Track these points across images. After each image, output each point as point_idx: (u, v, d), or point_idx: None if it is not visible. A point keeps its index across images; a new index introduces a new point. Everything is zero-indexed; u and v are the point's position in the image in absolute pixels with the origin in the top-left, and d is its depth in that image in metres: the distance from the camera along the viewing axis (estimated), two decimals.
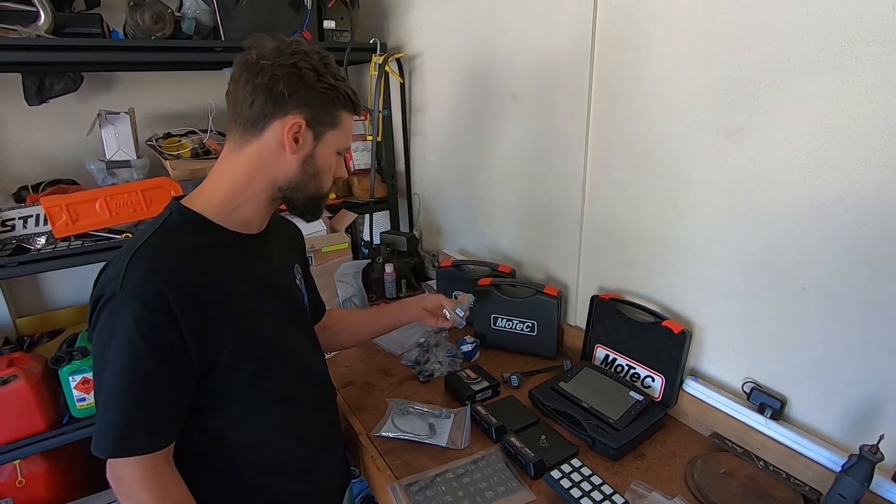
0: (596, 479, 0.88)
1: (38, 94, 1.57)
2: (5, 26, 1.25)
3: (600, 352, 1.21)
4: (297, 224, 1.04)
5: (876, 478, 0.79)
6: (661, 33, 0.99)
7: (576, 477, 0.88)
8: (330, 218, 1.76)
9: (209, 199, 0.80)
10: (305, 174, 0.81)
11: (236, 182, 0.80)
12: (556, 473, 0.89)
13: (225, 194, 0.80)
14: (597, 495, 0.84)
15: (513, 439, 0.98)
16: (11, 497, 1.57)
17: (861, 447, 0.72)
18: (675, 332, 1.03)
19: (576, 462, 0.91)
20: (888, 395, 0.79)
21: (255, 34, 0.79)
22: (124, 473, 0.70)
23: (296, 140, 0.78)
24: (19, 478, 1.57)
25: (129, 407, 0.69)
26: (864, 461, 0.71)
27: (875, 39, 0.71)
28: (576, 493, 0.85)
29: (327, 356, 1.39)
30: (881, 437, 0.71)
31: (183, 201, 0.80)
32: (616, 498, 0.84)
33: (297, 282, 0.96)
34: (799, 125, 0.82)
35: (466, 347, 1.32)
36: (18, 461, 1.56)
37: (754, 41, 0.85)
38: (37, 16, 1.30)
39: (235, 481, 0.84)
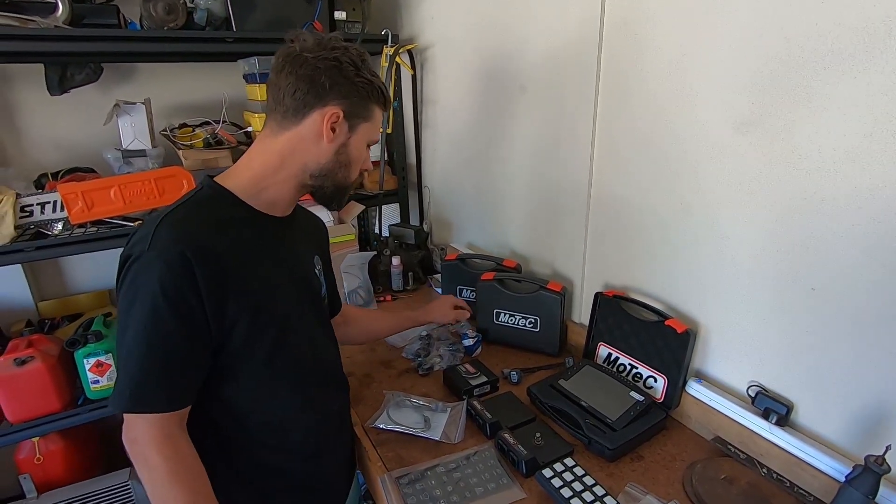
0: (588, 480, 0.86)
1: (59, 84, 1.62)
2: (25, 17, 1.29)
3: (603, 350, 1.18)
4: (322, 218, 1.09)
5: (887, 492, 0.75)
6: (670, 22, 0.96)
7: (568, 476, 0.86)
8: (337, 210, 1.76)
9: (240, 178, 0.83)
10: (337, 163, 0.84)
11: (268, 164, 0.83)
12: (547, 472, 0.87)
13: (256, 174, 0.83)
14: (588, 496, 0.82)
15: (507, 436, 0.97)
16: (30, 473, 1.63)
17: (867, 457, 0.68)
18: (679, 331, 1.00)
19: (569, 461, 0.89)
20: None
21: (295, 30, 0.83)
22: (138, 433, 0.71)
23: (333, 129, 0.81)
24: (38, 455, 1.64)
25: (148, 363, 0.70)
26: (870, 472, 0.67)
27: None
28: (566, 492, 0.83)
29: None
30: (888, 448, 0.67)
31: (216, 178, 0.83)
32: (608, 500, 0.82)
33: (317, 272, 0.98)
34: (812, 120, 0.77)
35: (468, 342, 1.30)
36: (37, 439, 1.62)
37: (767, 31, 0.81)
38: (55, 7, 1.33)
39: (245, 453, 0.85)
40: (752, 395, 0.93)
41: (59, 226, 1.46)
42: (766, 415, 0.90)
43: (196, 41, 1.49)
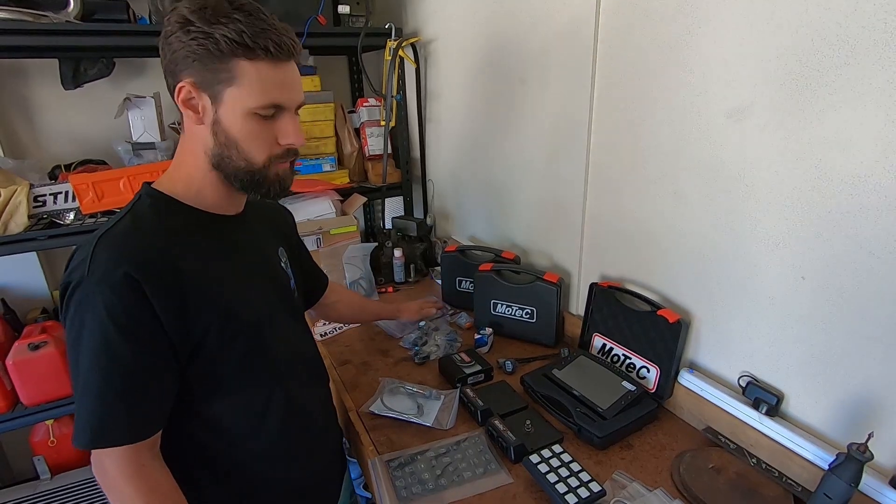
0: (575, 466, 0.86)
1: (73, 78, 1.67)
2: (37, 12, 1.33)
3: (598, 340, 1.18)
4: (291, 206, 1.04)
5: (872, 482, 0.74)
6: (664, 11, 0.95)
7: (554, 462, 0.87)
8: (341, 201, 1.79)
9: (175, 181, 0.75)
10: (221, 144, 0.71)
11: (186, 162, 0.75)
12: (534, 458, 0.88)
13: (186, 174, 0.75)
14: (573, 481, 0.83)
15: (497, 423, 0.98)
16: (44, 455, 1.69)
17: (849, 446, 0.67)
18: (671, 321, 1.00)
19: (557, 448, 0.90)
20: (890, 394, 0.74)
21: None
22: (107, 466, 0.67)
23: (192, 108, 0.70)
24: (52, 438, 1.70)
25: (105, 397, 0.65)
26: (852, 460, 0.67)
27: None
28: (552, 477, 0.84)
29: (331, 328, 1.43)
30: (870, 436, 0.66)
31: (155, 184, 0.76)
32: (593, 486, 0.82)
33: (283, 265, 0.91)
34: (799, 109, 0.77)
35: (481, 337, 1.30)
36: (50, 423, 1.68)
37: (761, 24, 0.80)
38: (66, 3, 1.37)
39: (228, 464, 0.80)
40: (743, 385, 0.92)
41: (71, 215, 1.51)
42: (756, 405, 0.90)
43: None
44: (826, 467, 0.78)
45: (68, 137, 1.76)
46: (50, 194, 1.47)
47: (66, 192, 1.48)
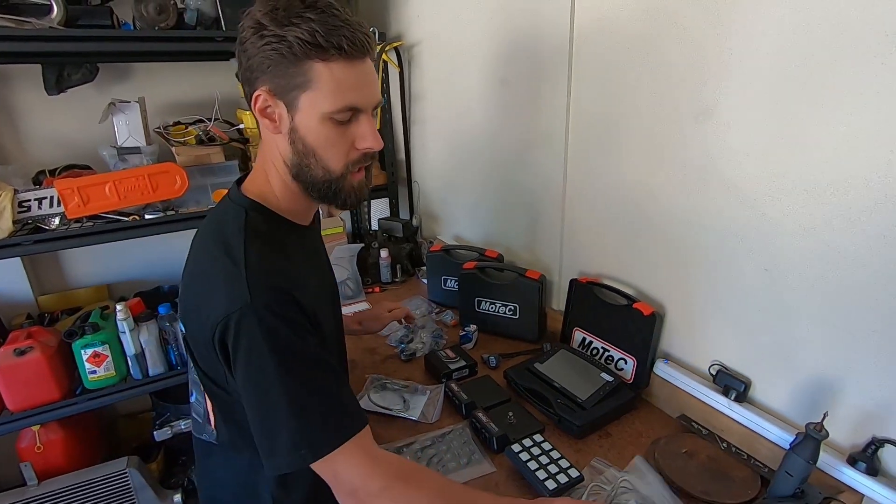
0: (555, 454, 0.90)
1: (56, 84, 1.67)
2: (20, 18, 1.33)
3: (578, 334, 1.22)
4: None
5: (831, 460, 0.79)
6: (635, 12, 1.00)
7: (535, 451, 0.90)
8: None
9: (266, 192, 0.74)
10: (299, 153, 0.69)
11: (269, 172, 0.74)
12: (516, 447, 0.91)
13: (273, 185, 0.74)
14: (553, 468, 0.87)
15: (480, 415, 1.01)
16: (31, 461, 1.68)
17: (807, 425, 0.72)
18: (646, 314, 1.04)
19: (538, 437, 0.94)
20: (846, 377, 0.79)
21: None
22: (350, 480, 0.64)
23: (268, 117, 0.68)
24: (38, 444, 1.69)
25: (319, 403, 0.64)
26: (810, 439, 0.71)
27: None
28: (533, 465, 0.87)
29: None
30: (825, 415, 0.71)
31: (245, 191, 0.75)
32: (572, 472, 0.86)
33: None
34: (761, 105, 0.81)
35: (465, 334, 1.34)
36: (37, 428, 1.67)
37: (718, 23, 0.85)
38: (50, 8, 1.38)
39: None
40: (714, 373, 0.96)
41: (57, 220, 1.51)
42: (726, 392, 0.94)
43: (187, 41, 1.54)
44: (786, 447, 0.83)
45: (53, 142, 1.76)
46: (35, 199, 1.47)
47: (52, 198, 1.48)
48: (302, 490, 0.80)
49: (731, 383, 0.93)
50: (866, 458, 0.76)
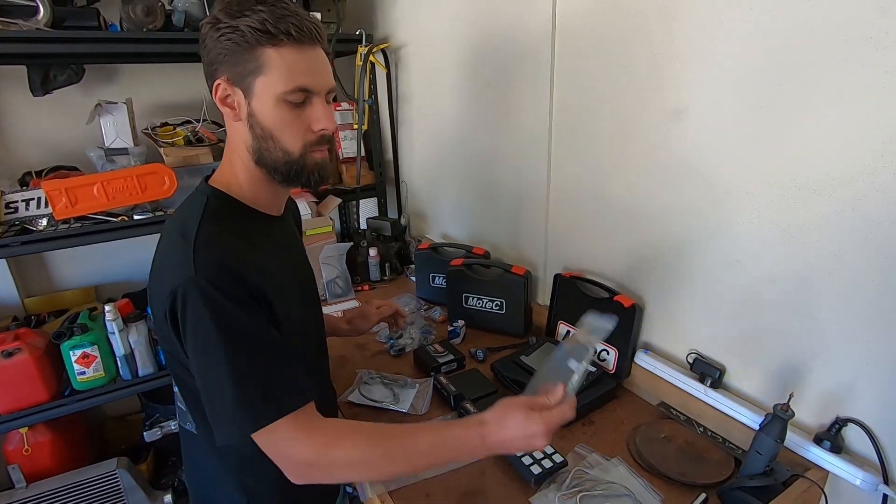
0: None
1: (42, 85, 1.67)
2: (6, 20, 1.34)
3: (563, 328, 1.26)
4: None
5: (798, 440, 0.83)
6: (619, 6, 1.04)
7: None
8: (316, 203, 1.83)
9: (231, 181, 0.78)
10: (258, 138, 0.73)
11: (234, 162, 0.77)
12: None
13: (238, 174, 0.78)
14: (538, 454, 0.90)
15: (468, 405, 1.04)
16: (18, 463, 1.68)
17: (774, 406, 0.76)
18: (626, 306, 1.08)
19: None
20: (812, 361, 0.83)
21: None
22: (293, 449, 0.67)
23: (228, 105, 0.72)
24: (26, 446, 1.68)
25: (258, 373, 0.66)
26: (777, 419, 0.76)
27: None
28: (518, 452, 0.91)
29: None
30: (791, 396, 0.75)
31: (212, 183, 0.78)
32: (556, 457, 0.90)
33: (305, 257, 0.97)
34: (733, 105, 0.86)
35: (453, 329, 1.37)
36: (25, 430, 1.66)
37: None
38: (36, 10, 1.38)
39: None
40: (691, 361, 1.01)
41: (44, 221, 1.51)
42: (702, 379, 0.98)
43: (174, 42, 1.55)
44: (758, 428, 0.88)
45: (38, 144, 1.76)
46: (22, 200, 1.47)
47: (39, 199, 1.48)
48: (270, 478, 0.82)
49: (707, 371, 0.97)
50: (831, 436, 0.80)
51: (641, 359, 1.10)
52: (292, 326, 0.77)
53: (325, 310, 1.56)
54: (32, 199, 1.48)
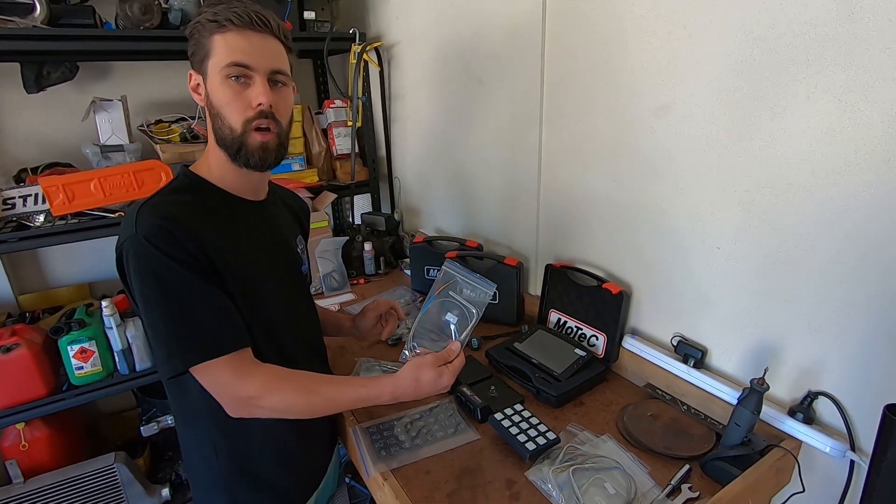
0: (534, 420, 0.98)
1: (35, 82, 1.67)
2: (2, 17, 1.35)
3: (553, 315, 1.31)
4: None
5: (774, 413, 0.89)
6: (606, 4, 1.09)
7: (516, 419, 0.99)
8: (312, 198, 1.86)
9: (203, 164, 0.88)
10: (212, 116, 0.82)
11: (208, 147, 0.87)
12: (499, 416, 0.99)
13: (209, 157, 0.87)
14: (532, 432, 0.95)
15: (465, 389, 1.09)
16: (16, 459, 1.68)
17: (751, 380, 0.82)
18: (614, 292, 1.14)
19: (518, 407, 1.02)
20: (785, 339, 0.89)
21: None
22: (221, 382, 0.77)
23: (196, 91, 0.83)
24: (23, 442, 1.69)
25: (190, 315, 0.75)
26: (754, 392, 0.81)
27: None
28: (514, 430, 0.95)
29: None
30: (766, 370, 0.81)
31: (192, 167, 0.88)
32: (549, 435, 0.95)
33: (300, 250, 1.02)
34: (715, 103, 0.91)
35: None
36: (22, 426, 1.67)
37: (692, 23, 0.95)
38: (32, 7, 1.39)
39: (234, 426, 0.86)
40: (675, 344, 1.07)
41: (41, 218, 1.52)
42: (685, 360, 1.04)
43: (171, 40, 1.57)
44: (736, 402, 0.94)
45: (33, 141, 1.76)
46: (19, 197, 1.48)
47: (36, 195, 1.50)
48: (233, 446, 0.90)
49: (690, 352, 1.03)
50: (803, 409, 0.86)
51: (629, 343, 1.15)
52: (251, 299, 0.84)
53: (323, 302, 1.62)
54: (29, 195, 1.50)
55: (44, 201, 1.50)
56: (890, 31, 0.68)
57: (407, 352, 0.97)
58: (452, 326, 0.94)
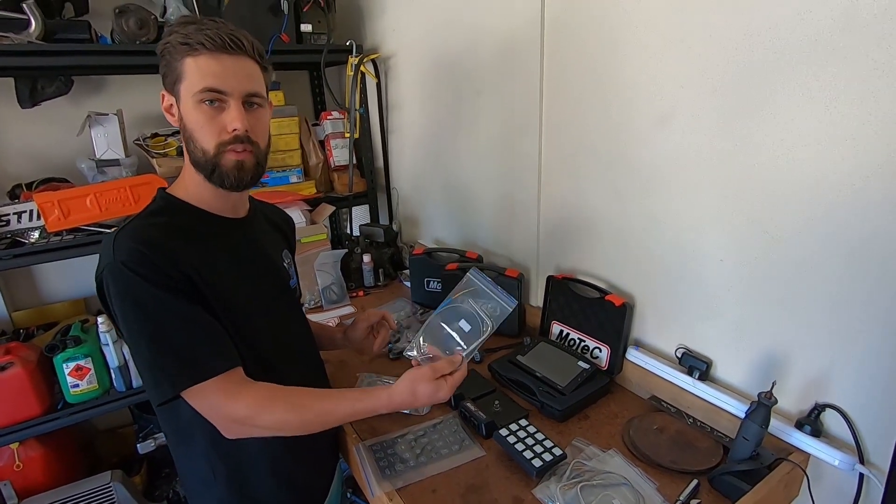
0: (540, 436, 0.97)
1: (30, 97, 1.66)
2: None
3: (556, 327, 1.31)
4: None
5: (781, 426, 0.89)
6: (603, 17, 1.09)
7: (521, 434, 0.98)
8: (310, 211, 1.85)
9: (180, 185, 0.87)
10: (186, 139, 0.81)
11: (184, 167, 0.86)
12: (503, 432, 0.98)
13: (185, 177, 0.86)
14: (538, 448, 0.94)
15: (469, 404, 1.07)
16: (10, 479, 1.65)
17: (759, 394, 0.81)
18: (617, 304, 1.13)
19: (523, 422, 1.01)
20: (792, 351, 0.89)
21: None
22: (213, 404, 0.76)
23: (169, 112, 0.82)
24: (17, 462, 1.66)
25: (177, 341, 0.74)
26: (762, 406, 0.81)
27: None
28: (520, 447, 0.94)
29: None
30: (773, 384, 0.81)
31: (168, 189, 0.87)
32: (555, 451, 0.94)
33: (286, 265, 1.01)
34: (712, 114, 0.92)
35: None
36: (16, 445, 1.64)
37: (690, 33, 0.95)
38: (28, 23, 1.39)
39: (230, 444, 0.84)
40: (679, 356, 1.06)
41: (36, 234, 1.50)
42: (690, 372, 1.04)
43: None
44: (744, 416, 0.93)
45: (27, 156, 1.75)
46: (14, 213, 1.46)
47: (31, 211, 1.48)
48: (228, 464, 0.89)
49: (695, 364, 1.02)
50: (811, 421, 0.86)
51: (633, 355, 1.15)
52: (240, 320, 0.84)
53: (321, 316, 1.60)
54: (24, 211, 1.48)
55: (39, 217, 1.48)
56: (890, 43, 0.69)
57: (413, 352, 0.93)
58: (460, 336, 0.92)
